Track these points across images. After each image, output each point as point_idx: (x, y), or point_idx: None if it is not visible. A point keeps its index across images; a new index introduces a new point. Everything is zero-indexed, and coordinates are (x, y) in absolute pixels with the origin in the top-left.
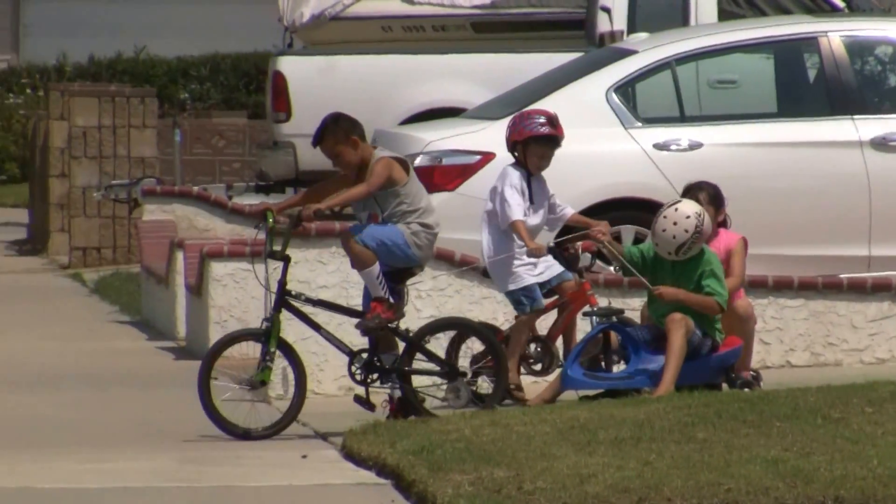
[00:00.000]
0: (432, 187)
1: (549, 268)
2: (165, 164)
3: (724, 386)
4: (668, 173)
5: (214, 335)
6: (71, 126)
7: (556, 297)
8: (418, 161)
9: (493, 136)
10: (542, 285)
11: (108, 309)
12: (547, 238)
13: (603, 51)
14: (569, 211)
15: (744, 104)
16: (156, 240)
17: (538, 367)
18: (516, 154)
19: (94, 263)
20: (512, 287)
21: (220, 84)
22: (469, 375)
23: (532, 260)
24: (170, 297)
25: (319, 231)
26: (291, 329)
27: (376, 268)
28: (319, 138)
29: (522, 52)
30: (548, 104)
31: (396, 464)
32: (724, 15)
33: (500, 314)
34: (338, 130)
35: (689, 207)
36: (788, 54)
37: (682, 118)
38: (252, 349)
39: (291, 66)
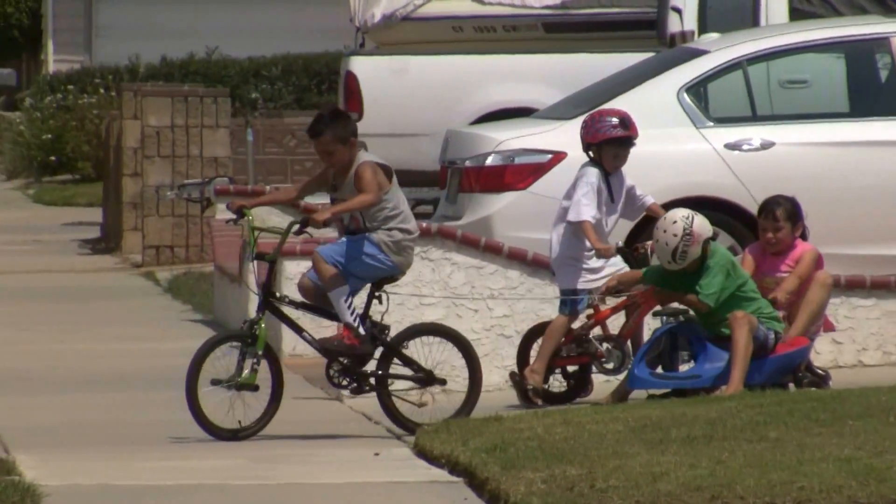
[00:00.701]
0: (503, 186)
1: (615, 269)
2: (238, 164)
3: (791, 386)
4: (740, 173)
5: (287, 334)
6: (144, 126)
7: (625, 296)
8: (490, 160)
9: (564, 135)
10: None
11: (181, 308)
12: (620, 235)
13: (674, 51)
14: (648, 200)
15: (815, 104)
16: (228, 239)
17: (610, 365)
18: (591, 154)
19: (166, 262)
20: (566, 286)
21: (292, 84)
22: (447, 383)
23: (597, 264)
24: (242, 296)
25: None
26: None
27: (346, 289)
28: (318, 132)
29: (593, 53)
30: (619, 104)
31: (469, 462)
32: (795, 14)
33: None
34: (338, 128)
35: (677, 213)
36: (860, 54)
37: (754, 118)
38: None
39: (363, 67)
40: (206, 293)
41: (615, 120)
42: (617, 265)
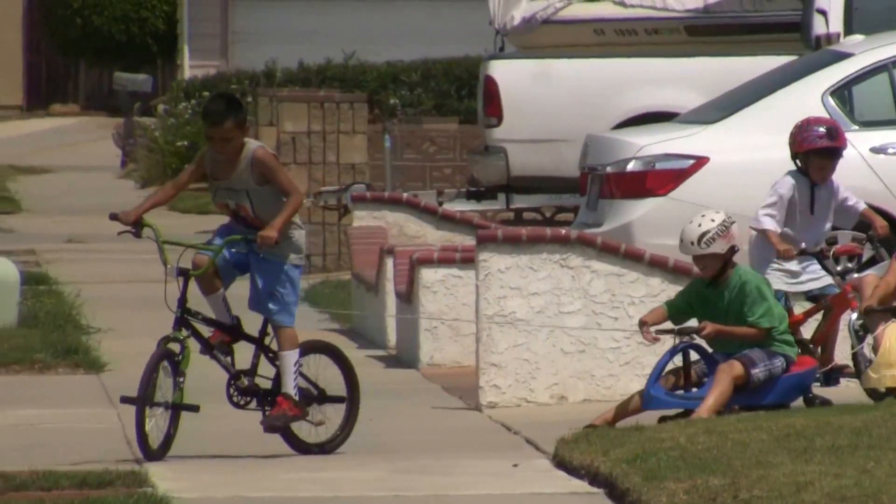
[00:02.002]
0: (644, 192)
1: (816, 279)
2: (375, 170)
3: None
4: (885, 177)
5: (425, 343)
6: (280, 132)
7: (819, 301)
8: (631, 166)
9: (707, 140)
10: (804, 292)
11: (319, 317)
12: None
13: (818, 53)
14: (860, 205)
15: None
16: (366, 247)
17: None
18: (798, 163)
19: (304, 271)
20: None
21: (432, 89)
22: (344, 401)
23: (795, 267)
24: (380, 304)
25: (530, 237)
26: (503, 335)
27: (296, 354)
28: (219, 119)
29: (736, 56)
30: (761, 108)
31: (610, 472)
32: None
33: None
34: (240, 114)
35: (717, 213)
36: None
37: None
38: (466, 356)
39: (503, 71)
40: (343, 302)
41: (822, 130)
42: (816, 273)
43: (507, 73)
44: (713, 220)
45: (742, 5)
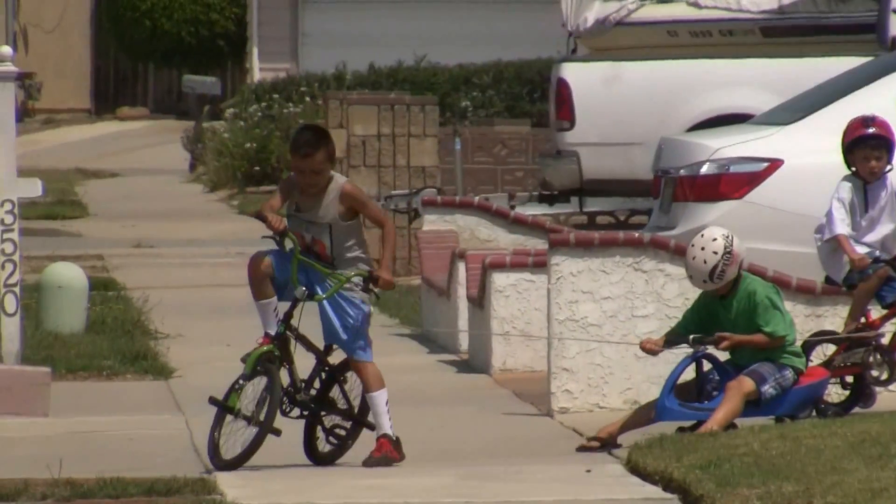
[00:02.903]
0: (718, 196)
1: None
2: (446, 174)
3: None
4: None
5: (497, 348)
6: (350, 135)
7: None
8: (704, 169)
9: (781, 142)
10: (880, 297)
11: (389, 322)
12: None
13: (893, 55)
14: None
15: None
16: (436, 251)
17: (882, 376)
18: (850, 168)
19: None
20: (843, 274)
21: (503, 92)
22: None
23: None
24: (451, 309)
25: (603, 241)
26: (575, 340)
27: (385, 393)
28: (312, 150)
29: (811, 57)
30: (836, 110)
31: (683, 478)
32: None
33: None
34: (330, 146)
35: (716, 231)
36: None
37: None
38: (538, 361)
39: (575, 73)
40: (413, 306)
41: (860, 120)
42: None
43: (580, 76)
44: (716, 253)
45: (817, 6)
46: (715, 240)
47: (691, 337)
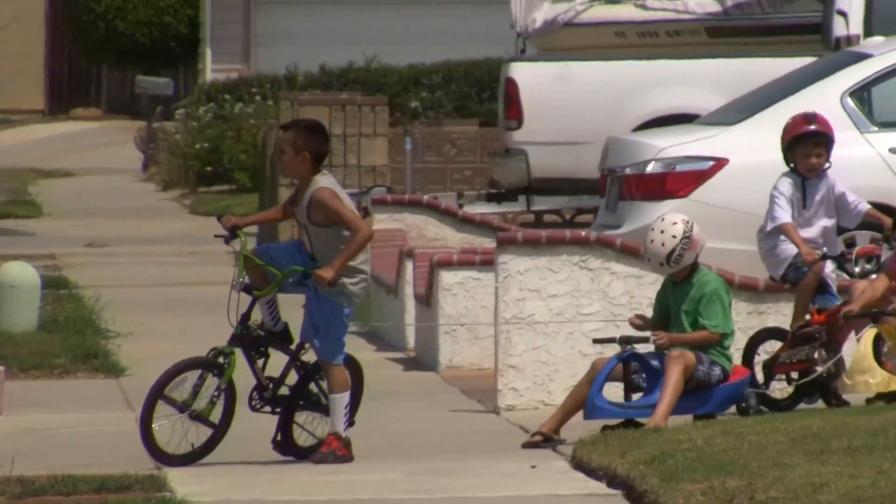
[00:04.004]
0: (664, 194)
1: None
2: (396, 173)
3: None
4: None
5: (444, 346)
6: None
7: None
8: (650, 168)
9: (726, 141)
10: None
11: None
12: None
13: (838, 55)
14: (863, 206)
15: None
16: (385, 249)
17: (822, 370)
18: (790, 164)
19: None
20: (781, 271)
21: (453, 92)
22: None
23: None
24: (399, 306)
25: (550, 239)
26: (522, 338)
27: (347, 396)
28: (288, 128)
29: (757, 57)
30: (781, 109)
31: (627, 474)
32: None
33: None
34: (311, 141)
35: (676, 216)
36: None
37: None
38: (485, 358)
39: (524, 73)
40: (362, 304)
41: (800, 117)
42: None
43: (528, 76)
44: (674, 237)
45: (762, 7)
46: (675, 224)
47: (618, 336)
